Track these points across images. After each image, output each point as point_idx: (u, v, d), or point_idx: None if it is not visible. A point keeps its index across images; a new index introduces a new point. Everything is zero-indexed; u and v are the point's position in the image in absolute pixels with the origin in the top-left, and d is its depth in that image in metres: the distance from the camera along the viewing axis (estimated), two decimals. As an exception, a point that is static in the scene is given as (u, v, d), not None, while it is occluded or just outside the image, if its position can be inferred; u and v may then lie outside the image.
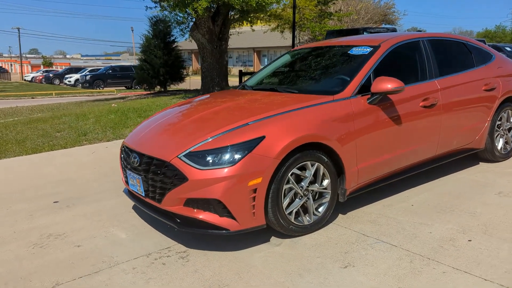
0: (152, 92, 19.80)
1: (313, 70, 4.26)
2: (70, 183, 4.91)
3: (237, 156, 2.91)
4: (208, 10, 10.91)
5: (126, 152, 3.58)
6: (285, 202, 3.12)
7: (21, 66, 69.62)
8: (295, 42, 24.40)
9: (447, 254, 2.88)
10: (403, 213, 3.62)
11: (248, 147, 2.94)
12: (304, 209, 3.30)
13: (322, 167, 3.27)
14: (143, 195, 3.30)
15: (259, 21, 26.23)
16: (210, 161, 2.93)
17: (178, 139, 3.22)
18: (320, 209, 3.36)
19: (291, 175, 3.12)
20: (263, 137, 2.99)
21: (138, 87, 19.86)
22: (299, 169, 3.17)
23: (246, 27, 27.91)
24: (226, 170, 2.87)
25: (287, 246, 3.13)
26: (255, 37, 28.19)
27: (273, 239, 3.25)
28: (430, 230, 3.26)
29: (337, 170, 3.40)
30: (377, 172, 3.70)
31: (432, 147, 4.14)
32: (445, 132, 4.19)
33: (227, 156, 2.92)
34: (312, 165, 3.22)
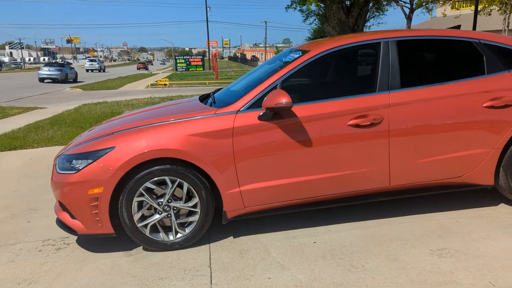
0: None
1: (252, 78, 3.89)
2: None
3: (82, 164, 3.06)
4: (338, 2, 10.57)
5: None
6: (137, 215, 3.11)
7: (265, 54, 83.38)
8: (503, 27, 20.59)
9: (235, 307, 2.42)
10: (287, 250, 3.09)
11: (94, 156, 3.06)
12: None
13: (186, 184, 3.10)
14: None
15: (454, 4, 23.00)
16: (66, 166, 3.16)
17: (74, 143, 3.54)
18: (187, 229, 3.20)
19: (146, 189, 3.09)
20: (112, 148, 3.05)
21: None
22: (158, 183, 3.10)
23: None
24: (70, 176, 3.08)
25: (134, 259, 3.12)
26: (446, 24, 24.98)
27: (137, 250, 3.26)
28: (274, 276, 2.73)
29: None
30: (279, 198, 3.23)
31: (378, 176, 3.29)
32: (402, 159, 3.27)
33: (76, 163, 3.11)
34: (172, 182, 3.09)
